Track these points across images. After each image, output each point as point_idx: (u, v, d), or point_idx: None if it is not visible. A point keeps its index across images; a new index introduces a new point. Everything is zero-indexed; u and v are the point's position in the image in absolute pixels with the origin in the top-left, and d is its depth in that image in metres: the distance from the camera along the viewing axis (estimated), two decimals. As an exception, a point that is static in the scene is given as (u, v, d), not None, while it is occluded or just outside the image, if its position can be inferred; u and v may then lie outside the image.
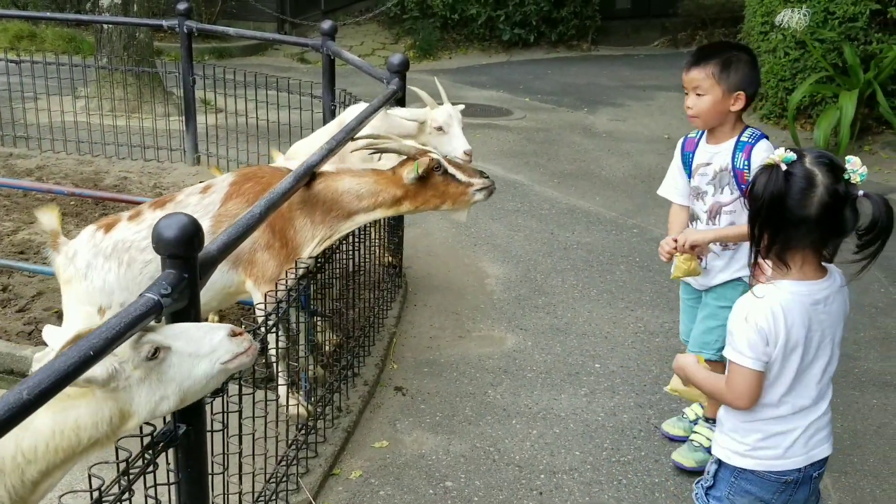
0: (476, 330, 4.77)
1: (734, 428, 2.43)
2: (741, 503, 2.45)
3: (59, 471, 2.06)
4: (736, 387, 2.33)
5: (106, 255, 3.39)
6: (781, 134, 8.93)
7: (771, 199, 2.23)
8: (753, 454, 2.40)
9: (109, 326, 1.93)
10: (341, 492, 3.38)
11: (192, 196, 3.47)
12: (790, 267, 2.28)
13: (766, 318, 2.26)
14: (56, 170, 7.06)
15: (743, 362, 2.29)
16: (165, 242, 2.19)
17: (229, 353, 2.09)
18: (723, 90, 3.13)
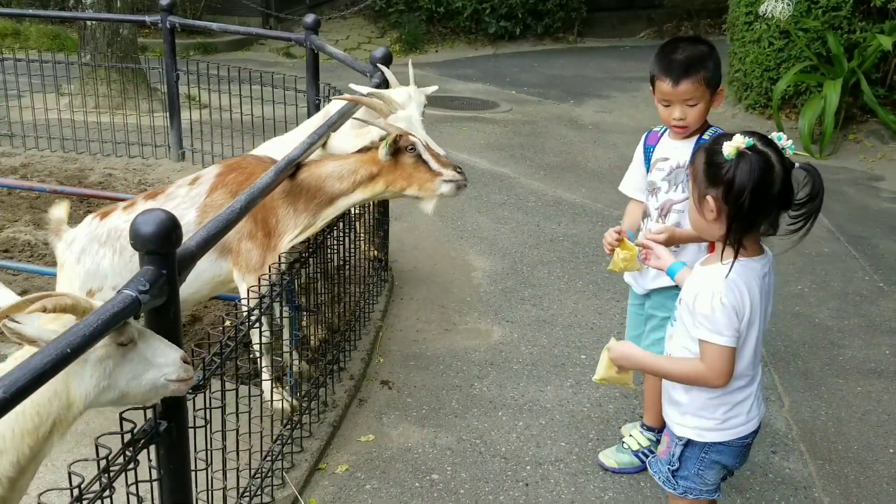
0: (462, 323, 4.77)
1: (701, 406, 2.51)
2: (709, 475, 2.59)
3: (31, 465, 2.05)
4: (717, 367, 2.39)
5: (101, 241, 3.52)
6: (766, 124, 8.95)
7: (755, 186, 2.27)
8: (723, 426, 2.52)
9: (87, 324, 1.92)
10: (327, 486, 3.38)
11: (182, 188, 3.55)
12: (745, 247, 2.38)
13: (736, 296, 2.36)
14: (40, 167, 7.03)
15: (723, 342, 2.37)
16: (143, 239, 2.18)
17: (175, 374, 2.13)
18: (710, 93, 3.04)
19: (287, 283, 3.28)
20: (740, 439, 2.55)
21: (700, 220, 2.43)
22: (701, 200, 2.39)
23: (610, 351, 2.60)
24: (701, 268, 2.52)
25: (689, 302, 2.44)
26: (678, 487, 2.63)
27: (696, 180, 2.41)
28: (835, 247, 5.97)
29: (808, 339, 4.64)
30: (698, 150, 2.52)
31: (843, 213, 6.68)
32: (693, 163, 2.51)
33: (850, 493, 3.41)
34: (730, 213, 2.33)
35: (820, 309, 5.00)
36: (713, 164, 2.35)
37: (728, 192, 2.30)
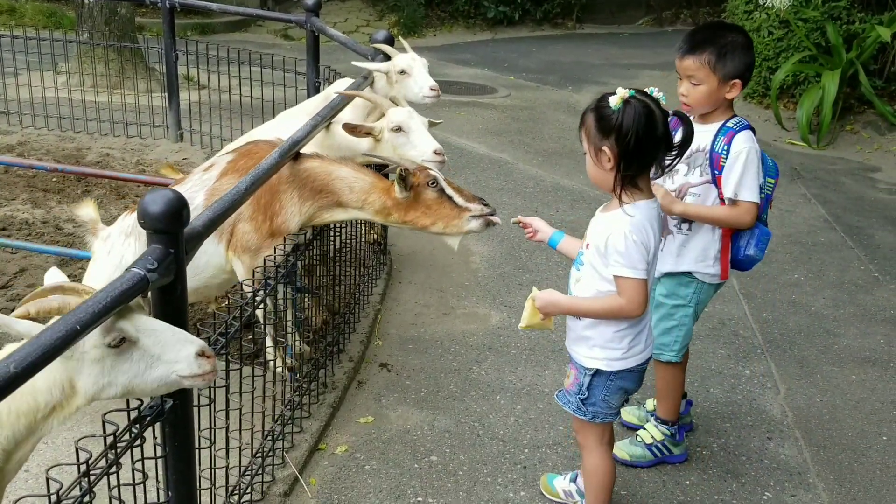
0: (461, 307, 4.79)
1: (609, 339, 2.76)
2: (614, 399, 2.85)
3: (25, 442, 2.05)
4: (635, 298, 2.63)
5: (127, 233, 3.54)
6: (764, 113, 8.99)
7: (641, 127, 2.52)
8: (628, 355, 2.78)
9: (96, 301, 1.93)
10: (327, 466, 3.40)
11: (197, 173, 3.58)
12: (642, 189, 2.65)
13: (641, 232, 2.60)
14: (37, 146, 7.00)
15: (638, 275, 2.60)
16: (151, 217, 2.19)
17: (189, 370, 2.04)
18: (718, 79, 3.06)
19: (291, 264, 3.29)
20: (640, 365, 2.82)
21: (599, 172, 2.65)
22: (598, 153, 2.61)
23: (535, 300, 2.78)
24: (603, 214, 2.73)
25: (600, 245, 2.64)
26: (587, 413, 2.86)
27: (590, 138, 2.63)
28: (831, 236, 6.00)
29: (805, 328, 4.67)
30: (585, 112, 2.66)
31: (840, 203, 6.72)
32: (583, 125, 2.66)
33: (843, 480, 3.45)
34: (621, 153, 2.56)
35: (816, 298, 5.03)
36: (602, 118, 2.58)
37: (619, 137, 2.54)
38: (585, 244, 2.76)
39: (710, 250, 3.24)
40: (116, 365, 2.02)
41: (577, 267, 2.81)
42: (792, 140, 8.35)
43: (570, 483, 3.23)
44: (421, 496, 3.26)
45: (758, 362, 4.28)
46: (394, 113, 3.81)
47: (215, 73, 6.73)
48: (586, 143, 2.66)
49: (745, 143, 3.08)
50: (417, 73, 4.35)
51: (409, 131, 3.76)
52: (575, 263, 2.83)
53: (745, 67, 3.10)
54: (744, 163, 3.07)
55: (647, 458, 3.47)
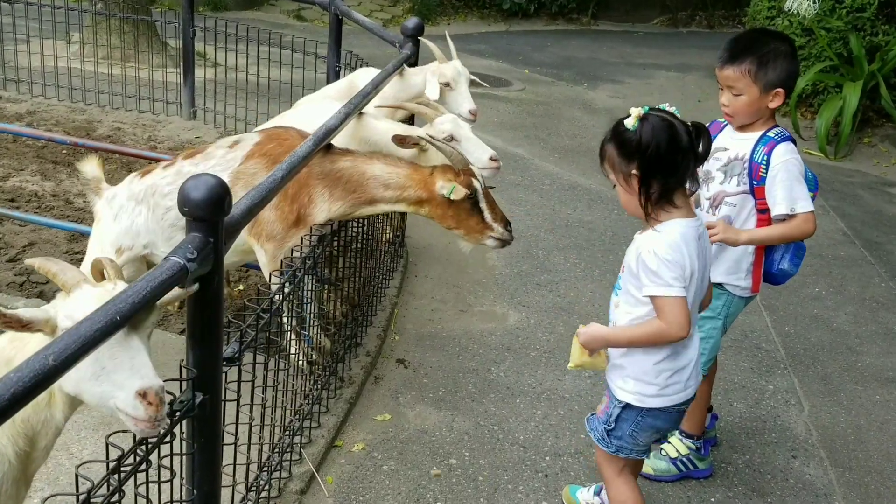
0: (478, 304, 4.69)
1: (643, 371, 2.58)
2: (642, 437, 2.67)
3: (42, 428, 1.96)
4: (675, 318, 2.45)
5: (138, 199, 3.47)
6: (782, 121, 8.79)
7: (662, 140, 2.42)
8: (664, 392, 2.60)
9: (136, 290, 1.83)
10: (344, 464, 3.31)
11: (220, 149, 3.47)
12: (677, 206, 2.50)
13: (673, 250, 2.45)
14: (47, 116, 6.87)
15: (674, 293, 2.44)
16: (193, 204, 2.08)
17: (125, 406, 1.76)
18: (759, 89, 2.96)
19: (318, 255, 3.19)
20: (677, 405, 2.63)
21: (633, 199, 2.51)
22: (628, 180, 2.49)
23: (579, 336, 2.63)
24: (638, 236, 2.58)
25: (633, 266, 2.51)
26: (611, 446, 2.70)
27: (615, 167, 2.51)
28: (851, 251, 5.92)
29: (827, 344, 4.59)
30: (603, 145, 2.56)
31: (858, 217, 6.64)
32: (605, 157, 2.56)
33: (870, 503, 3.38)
34: (646, 171, 2.44)
35: (837, 313, 4.96)
36: (623, 143, 2.48)
37: (643, 154, 2.43)
38: (622, 267, 2.63)
39: (743, 263, 3.15)
40: None
41: (616, 292, 2.67)
42: (809, 150, 8.26)
43: (595, 496, 3.13)
44: (440, 501, 3.17)
45: (781, 377, 4.20)
46: (441, 123, 3.74)
47: (230, 51, 6.60)
48: (613, 175, 2.55)
49: (786, 155, 2.97)
50: (461, 92, 4.28)
51: (461, 140, 3.70)
52: (614, 288, 2.69)
53: (787, 76, 2.99)
54: (789, 174, 2.96)
55: (671, 473, 3.38)
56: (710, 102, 9.57)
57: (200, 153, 3.45)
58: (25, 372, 1.53)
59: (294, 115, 4.16)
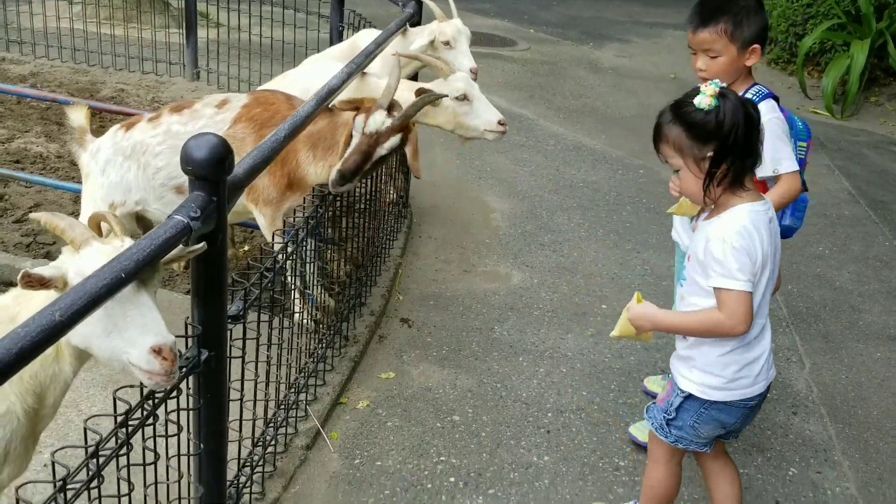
0: (481, 265, 4.72)
1: (711, 363, 2.46)
2: (704, 430, 2.54)
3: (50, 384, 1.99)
4: (736, 313, 2.32)
5: (125, 154, 3.47)
6: (788, 80, 8.85)
7: (743, 121, 2.28)
8: (730, 386, 2.46)
9: (141, 248, 1.85)
10: (349, 421, 3.36)
11: (209, 108, 3.47)
12: (747, 188, 2.36)
13: (746, 239, 2.31)
14: (50, 77, 6.86)
15: (740, 287, 2.31)
16: (195, 163, 2.09)
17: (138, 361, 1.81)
18: (737, 48, 2.85)
19: (320, 215, 3.21)
20: (745, 400, 2.48)
21: (697, 185, 2.34)
22: (699, 164, 2.31)
23: (629, 311, 2.53)
24: (705, 222, 2.44)
25: (699, 255, 2.39)
26: (669, 436, 2.59)
27: (684, 151, 2.32)
28: (855, 210, 5.92)
29: (829, 302, 4.61)
30: (662, 125, 2.38)
31: (863, 176, 6.62)
32: (665, 139, 2.37)
33: (869, 459, 3.41)
34: (726, 156, 2.29)
35: (840, 272, 4.97)
36: (695, 125, 2.29)
37: (724, 137, 2.27)
38: (687, 257, 2.51)
39: None
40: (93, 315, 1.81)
41: (681, 283, 2.55)
42: (815, 109, 8.21)
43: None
44: (444, 455, 3.22)
45: (783, 335, 4.23)
46: (455, 80, 3.71)
47: (233, 11, 6.58)
48: (678, 159, 2.35)
49: (767, 115, 2.80)
50: (461, 51, 4.24)
51: (474, 100, 3.69)
52: (678, 279, 2.55)
53: (760, 30, 2.89)
54: (771, 134, 2.77)
55: None
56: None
57: (188, 109, 3.44)
58: (33, 327, 1.56)
59: (296, 75, 4.15)
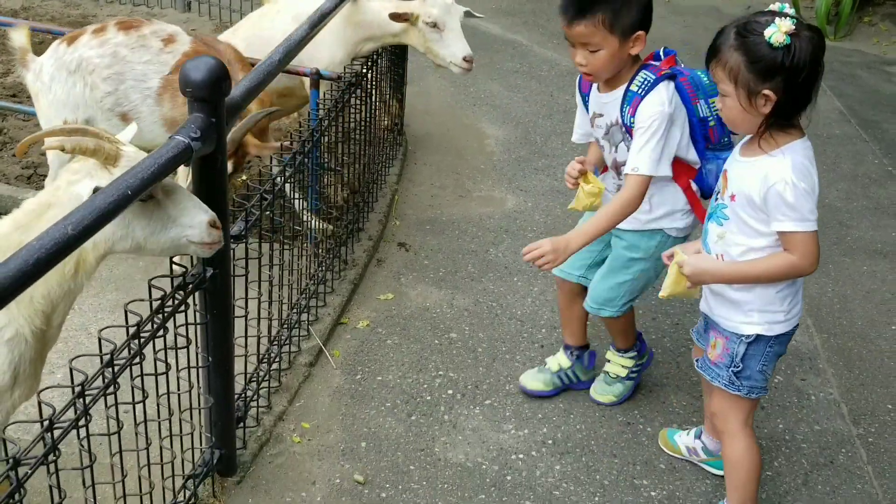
0: (476, 190, 4.79)
1: (770, 301, 2.42)
2: (770, 368, 2.53)
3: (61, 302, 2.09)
4: (811, 253, 2.29)
5: (70, 69, 3.45)
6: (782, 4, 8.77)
7: (812, 63, 2.19)
8: (789, 316, 2.46)
9: (145, 167, 1.94)
10: (349, 339, 3.48)
11: (156, 40, 3.44)
12: (796, 126, 2.30)
13: (807, 176, 2.26)
14: (42, 11, 6.82)
15: (811, 227, 2.27)
16: (194, 84, 2.15)
17: (199, 237, 2.12)
18: (618, 38, 2.57)
19: (317, 139, 3.27)
20: (796, 327, 2.52)
21: (748, 117, 2.28)
22: (752, 97, 2.23)
23: (682, 266, 2.42)
24: (750, 160, 2.34)
25: (754, 196, 2.29)
26: (742, 388, 2.51)
27: (738, 79, 2.23)
28: (846, 129, 5.97)
29: (818, 219, 4.69)
30: (721, 45, 2.25)
31: (855, 96, 6.64)
32: (722, 61, 2.25)
33: (852, 366, 3.54)
34: (788, 96, 2.21)
35: (829, 190, 5.05)
36: (760, 58, 2.18)
37: (791, 78, 2.18)
38: (730, 195, 2.39)
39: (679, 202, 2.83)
40: (135, 220, 2.07)
41: (719, 221, 2.44)
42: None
43: (696, 440, 2.99)
44: (442, 370, 3.35)
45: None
46: (432, 6, 3.68)
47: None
48: (730, 86, 2.26)
49: (650, 110, 2.61)
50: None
51: (444, 29, 3.67)
52: (713, 217, 2.46)
53: (644, 15, 2.60)
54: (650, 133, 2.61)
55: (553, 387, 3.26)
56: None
57: (135, 30, 3.43)
58: (46, 240, 1.65)
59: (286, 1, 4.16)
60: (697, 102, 2.70)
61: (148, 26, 3.48)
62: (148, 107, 3.41)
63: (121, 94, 3.40)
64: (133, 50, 3.39)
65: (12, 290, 1.54)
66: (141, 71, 3.37)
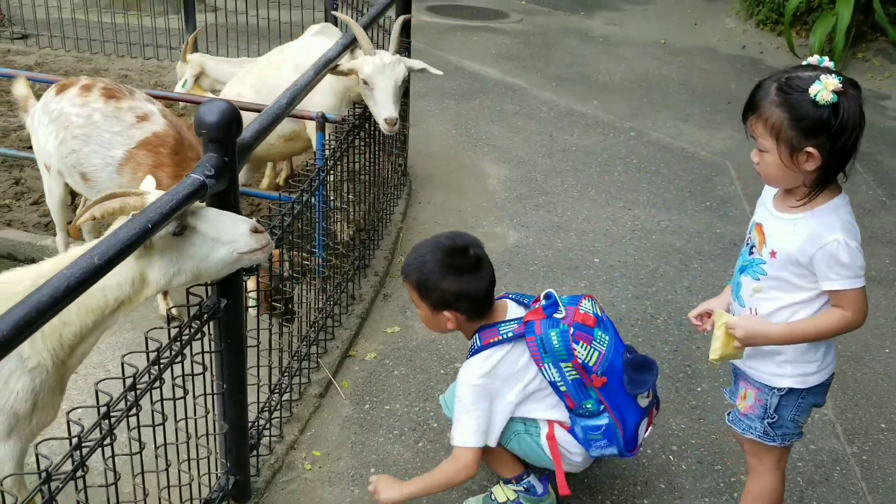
0: (479, 226, 4.93)
1: (802, 352, 2.37)
2: (803, 418, 2.48)
3: (91, 335, 2.23)
4: (862, 309, 2.26)
5: (51, 117, 3.60)
6: (777, 40, 9.00)
7: (858, 123, 2.15)
8: (823, 367, 2.41)
9: (163, 202, 2.07)
10: (358, 371, 3.59)
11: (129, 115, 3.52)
12: (834, 182, 2.26)
13: (854, 232, 2.24)
14: (55, 66, 7.06)
15: (861, 283, 2.24)
16: (208, 126, 2.30)
17: (247, 246, 2.26)
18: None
19: (322, 178, 3.42)
20: (832, 376, 2.46)
21: (789, 174, 2.23)
22: (794, 154, 2.18)
23: (732, 328, 2.35)
24: (788, 216, 2.29)
25: (796, 255, 2.25)
26: (776, 438, 2.48)
27: (780, 135, 2.18)
28: (840, 162, 6.11)
29: (812, 249, 4.82)
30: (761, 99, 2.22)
31: (849, 130, 6.80)
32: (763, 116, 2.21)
33: (847, 388, 3.64)
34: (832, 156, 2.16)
35: (824, 220, 5.17)
36: (805, 116, 2.14)
37: (835, 138, 2.14)
38: (769, 251, 2.33)
39: None
40: (182, 252, 2.22)
41: (755, 276, 2.38)
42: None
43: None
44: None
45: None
46: (365, 64, 3.76)
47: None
48: (770, 141, 2.21)
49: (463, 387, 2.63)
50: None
51: (374, 88, 3.76)
52: (747, 270, 2.41)
53: None
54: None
55: None
56: (706, 26, 9.67)
57: (115, 101, 3.53)
58: (75, 269, 1.79)
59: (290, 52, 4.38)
60: (541, 366, 2.62)
61: (129, 101, 3.56)
62: (108, 174, 3.51)
63: (84, 154, 3.52)
64: (106, 118, 3.49)
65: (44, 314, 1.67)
66: (107, 139, 3.48)
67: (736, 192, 5.52)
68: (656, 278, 4.43)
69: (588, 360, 2.59)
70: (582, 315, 2.65)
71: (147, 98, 3.64)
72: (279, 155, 4.69)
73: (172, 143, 3.48)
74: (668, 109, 6.90)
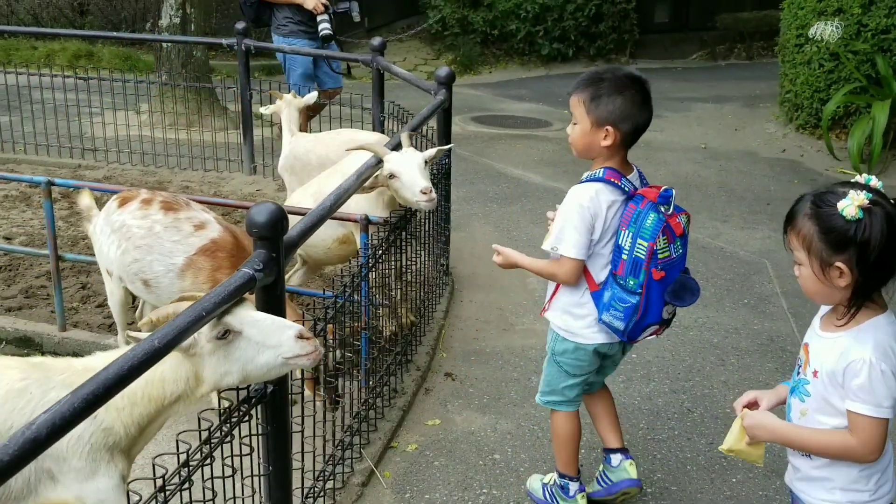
0: (519, 324, 5.09)
1: (853, 480, 2.30)
2: None
3: (154, 423, 2.44)
4: (871, 442, 2.19)
5: (113, 228, 3.88)
6: (817, 143, 9.17)
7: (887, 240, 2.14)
8: (876, 497, 2.32)
9: (215, 294, 2.30)
10: (399, 462, 3.72)
11: (188, 224, 3.79)
12: (876, 301, 2.23)
13: (889, 357, 2.18)
14: (122, 179, 7.53)
15: (883, 414, 2.17)
16: (258, 225, 2.55)
17: (292, 352, 2.35)
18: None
19: (364, 275, 3.64)
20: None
21: (824, 288, 2.23)
22: (825, 268, 2.19)
23: (744, 418, 2.41)
24: (829, 334, 2.28)
25: (835, 373, 2.22)
26: None
27: (811, 249, 2.21)
28: (879, 259, 6.16)
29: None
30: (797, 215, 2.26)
31: (889, 228, 6.86)
32: (796, 229, 2.25)
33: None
34: (862, 271, 2.16)
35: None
36: (832, 229, 2.17)
37: (862, 253, 2.14)
38: (812, 371, 2.31)
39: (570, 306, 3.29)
40: (229, 355, 2.39)
41: (801, 397, 2.35)
42: (844, 170, 8.51)
43: None
44: (486, 488, 3.56)
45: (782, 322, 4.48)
46: (387, 161, 3.95)
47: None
48: (803, 253, 2.23)
49: (572, 194, 3.07)
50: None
51: (401, 175, 3.91)
52: (795, 392, 2.39)
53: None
54: (563, 216, 3.06)
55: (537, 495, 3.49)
56: (747, 131, 9.90)
57: (174, 213, 3.80)
58: (139, 350, 2.00)
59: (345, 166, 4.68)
60: (624, 229, 2.98)
61: (186, 212, 3.84)
62: (169, 279, 3.75)
63: (146, 262, 3.77)
64: (166, 228, 3.76)
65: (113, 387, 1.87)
66: (168, 248, 3.74)
67: (774, 290, 5.60)
68: (693, 373, 4.51)
69: (660, 253, 2.94)
70: (676, 223, 2.99)
71: (203, 208, 3.93)
72: (337, 258, 4.90)
73: (230, 247, 3.75)
74: (707, 211, 7.06)
